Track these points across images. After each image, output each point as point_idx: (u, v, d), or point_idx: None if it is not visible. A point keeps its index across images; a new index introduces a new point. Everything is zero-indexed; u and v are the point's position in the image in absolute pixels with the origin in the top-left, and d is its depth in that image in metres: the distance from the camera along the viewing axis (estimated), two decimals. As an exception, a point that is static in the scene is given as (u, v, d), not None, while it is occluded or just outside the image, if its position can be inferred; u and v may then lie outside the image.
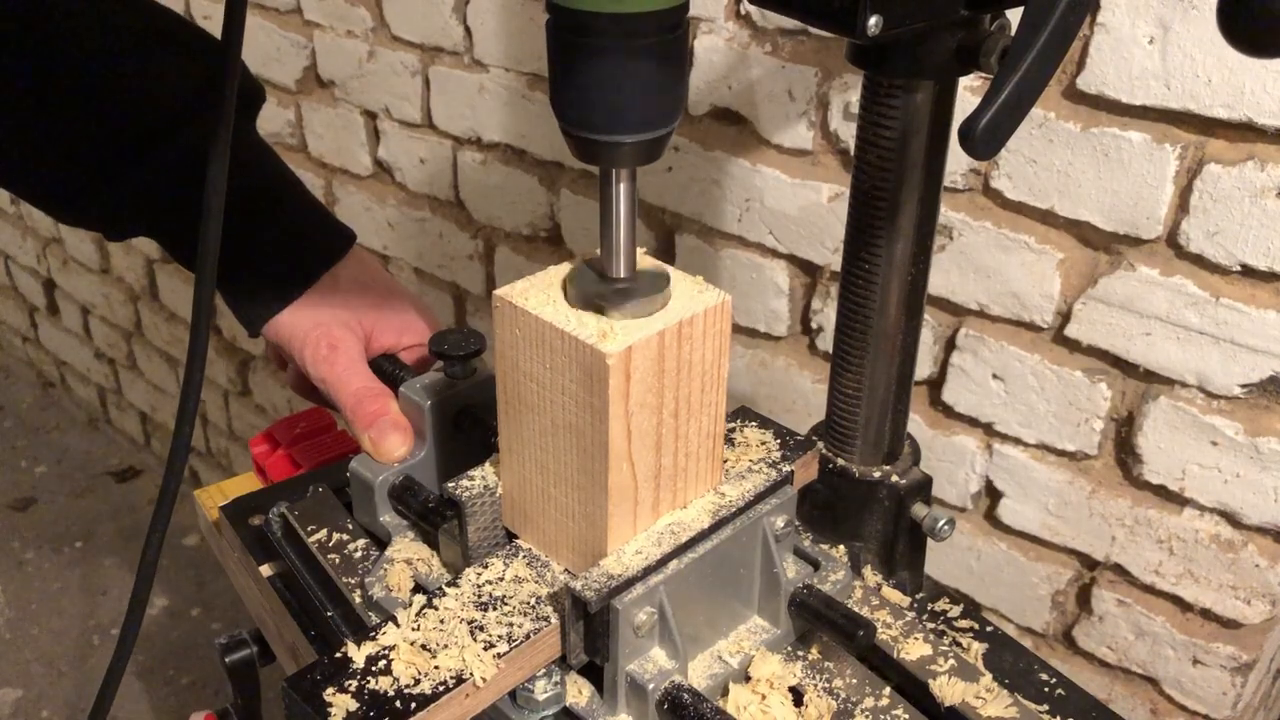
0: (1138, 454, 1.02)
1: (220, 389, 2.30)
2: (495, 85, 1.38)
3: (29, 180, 0.81)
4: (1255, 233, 0.89)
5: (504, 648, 0.59)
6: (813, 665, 0.68)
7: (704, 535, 0.63)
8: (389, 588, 0.70)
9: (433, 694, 0.56)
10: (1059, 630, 1.15)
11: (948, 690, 0.65)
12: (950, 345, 1.11)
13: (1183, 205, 0.92)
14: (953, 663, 0.68)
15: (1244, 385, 0.94)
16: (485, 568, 0.65)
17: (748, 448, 0.71)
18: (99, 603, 2.36)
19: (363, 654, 0.59)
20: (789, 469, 0.68)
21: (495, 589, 0.63)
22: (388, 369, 0.82)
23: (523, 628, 0.60)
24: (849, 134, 1.09)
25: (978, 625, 0.75)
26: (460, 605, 0.61)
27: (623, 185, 0.57)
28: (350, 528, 0.76)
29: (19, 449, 2.84)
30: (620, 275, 0.60)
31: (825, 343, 1.20)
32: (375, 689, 0.57)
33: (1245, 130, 0.87)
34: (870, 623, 0.64)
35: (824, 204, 1.13)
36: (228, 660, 0.83)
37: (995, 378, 1.09)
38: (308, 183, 0.90)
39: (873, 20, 0.52)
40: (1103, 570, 1.09)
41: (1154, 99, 0.90)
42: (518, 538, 0.68)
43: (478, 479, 0.68)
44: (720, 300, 0.61)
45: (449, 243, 1.57)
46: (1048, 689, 0.70)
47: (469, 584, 0.63)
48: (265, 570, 0.79)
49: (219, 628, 2.27)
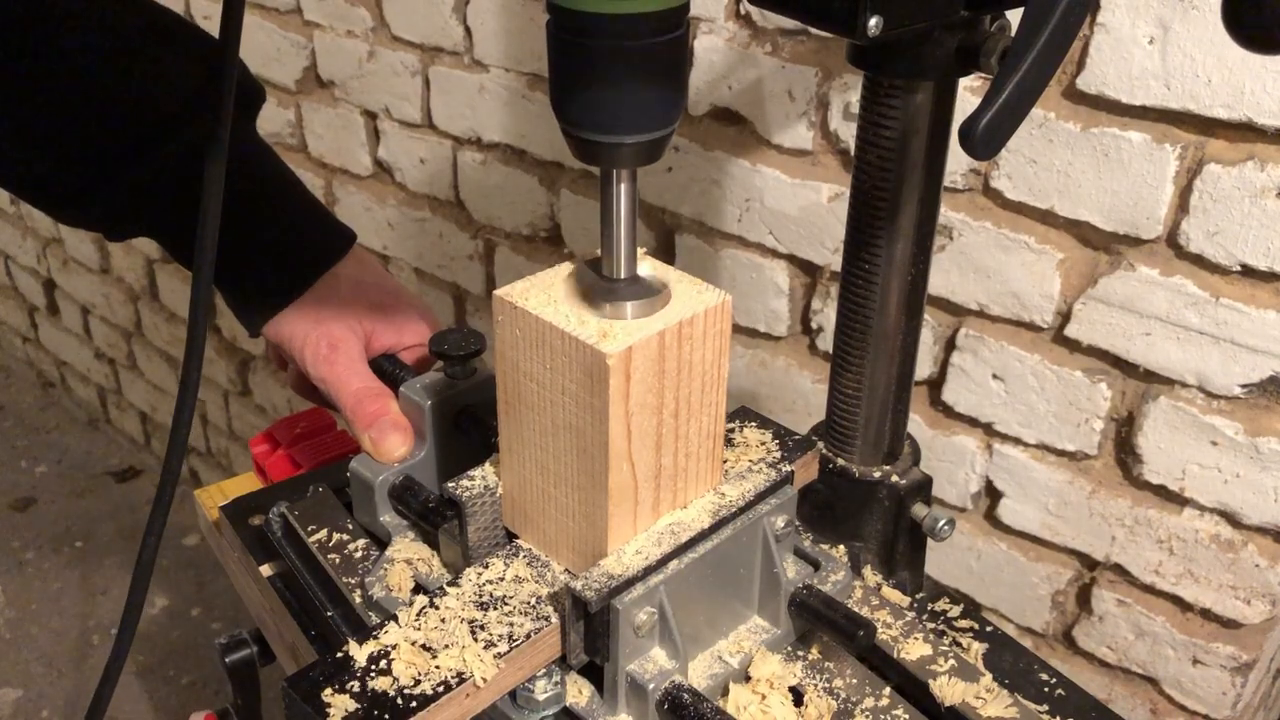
0: (1138, 454, 1.02)
1: (220, 389, 2.29)
2: (495, 85, 1.38)
3: (29, 180, 0.80)
4: (1255, 233, 0.89)
5: (504, 647, 0.59)
6: (813, 665, 0.68)
7: (704, 535, 0.63)
8: (389, 588, 0.70)
9: (433, 694, 0.56)
10: (1059, 630, 1.15)
11: (948, 690, 0.65)
12: (950, 345, 1.11)
13: (1183, 205, 0.92)
14: (953, 663, 0.68)
15: (1244, 385, 0.94)
16: (486, 568, 0.65)
17: (748, 448, 0.71)
18: (99, 603, 2.36)
19: (364, 652, 0.59)
20: (789, 469, 0.68)
21: (496, 589, 0.63)
22: (388, 369, 0.82)
23: (523, 627, 0.60)
24: (849, 134, 1.09)
25: (978, 625, 0.75)
26: (461, 605, 0.62)
27: (623, 186, 0.57)
28: (350, 528, 0.76)
29: (19, 449, 2.84)
30: (620, 275, 0.60)
31: (825, 343, 1.20)
32: (375, 689, 0.57)
33: (1245, 130, 0.87)
34: (870, 623, 0.64)
35: (824, 204, 1.13)
36: (228, 660, 0.83)
37: (995, 378, 1.09)
38: (308, 183, 0.90)
39: (873, 21, 0.52)
40: (1103, 570, 1.09)
41: (1154, 99, 0.90)
42: (518, 538, 0.68)
43: (478, 479, 0.68)
44: (720, 300, 0.61)
45: (449, 243, 1.57)
46: (1048, 689, 0.70)
47: (470, 583, 0.63)
48: (265, 570, 0.79)
49: (219, 628, 2.27)
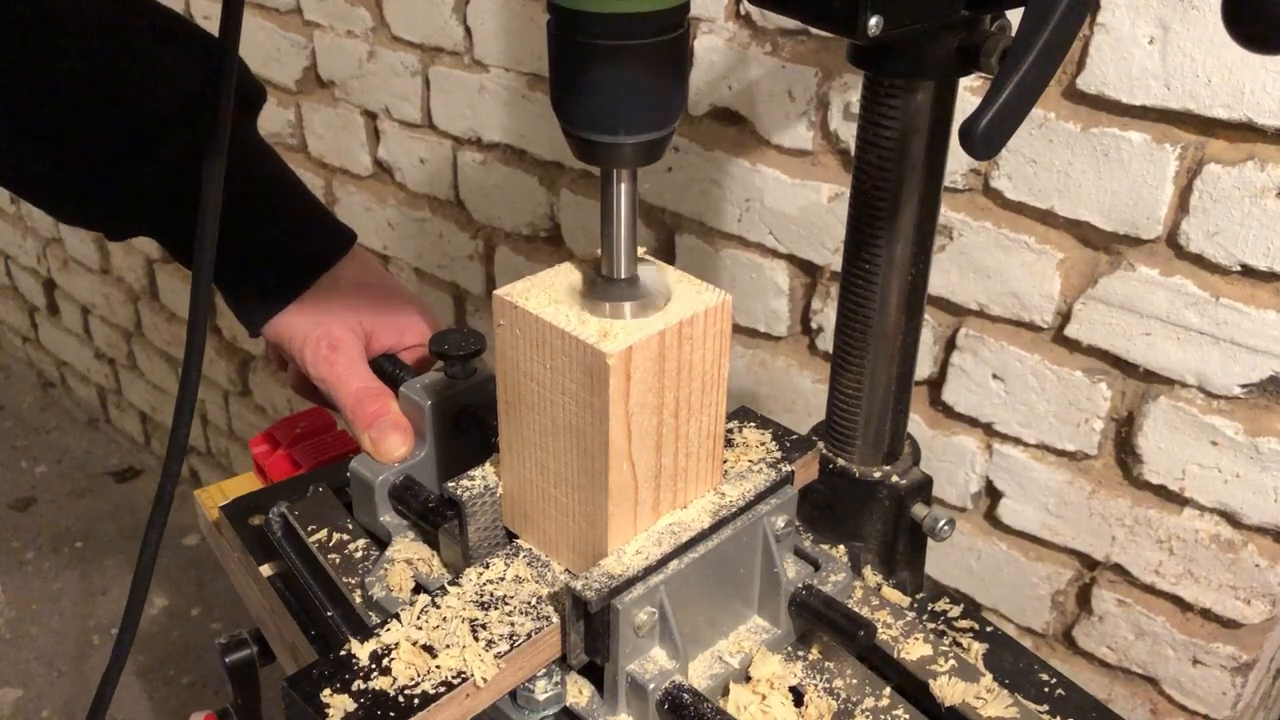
0: (1138, 454, 1.02)
1: (220, 389, 2.29)
2: (495, 85, 1.38)
3: (30, 180, 0.81)
4: (1255, 233, 0.89)
5: (504, 647, 0.59)
6: (813, 665, 0.68)
7: (704, 535, 0.63)
8: (389, 588, 0.70)
9: (433, 694, 0.56)
10: (1059, 630, 1.15)
11: (948, 690, 0.65)
12: (950, 345, 1.11)
13: (1183, 205, 0.92)
14: (953, 663, 0.68)
15: (1244, 385, 0.94)
16: (486, 567, 0.65)
17: (748, 448, 0.71)
18: (99, 602, 2.36)
19: (366, 651, 0.59)
20: (789, 469, 0.68)
21: (496, 589, 0.63)
22: (388, 369, 0.82)
23: (523, 627, 0.60)
24: (849, 134, 1.09)
25: (978, 625, 0.75)
26: (462, 604, 0.62)
27: (624, 186, 0.57)
28: (350, 528, 0.76)
29: (19, 449, 2.84)
30: (621, 275, 0.60)
31: (825, 343, 1.20)
32: (375, 689, 0.57)
33: (1245, 130, 0.87)
34: (870, 623, 0.64)
35: (824, 204, 1.13)
36: (228, 660, 0.83)
37: (995, 378, 1.09)
38: (308, 183, 0.90)
39: (873, 21, 0.52)
40: (1103, 570, 1.09)
41: (1154, 99, 0.90)
42: (518, 538, 0.68)
43: (478, 479, 0.68)
44: (720, 300, 0.61)
45: (449, 243, 1.57)
46: (1048, 689, 0.70)
47: (470, 583, 0.63)
48: (265, 570, 0.79)
49: (219, 628, 2.27)
